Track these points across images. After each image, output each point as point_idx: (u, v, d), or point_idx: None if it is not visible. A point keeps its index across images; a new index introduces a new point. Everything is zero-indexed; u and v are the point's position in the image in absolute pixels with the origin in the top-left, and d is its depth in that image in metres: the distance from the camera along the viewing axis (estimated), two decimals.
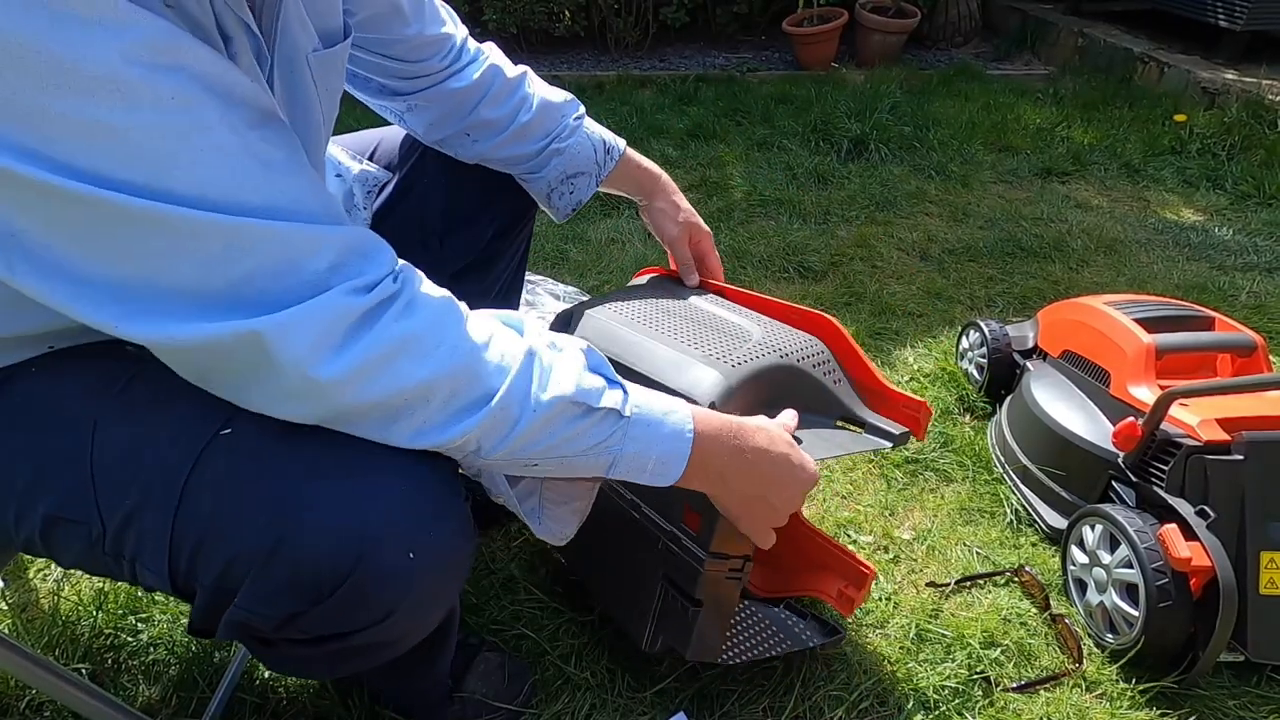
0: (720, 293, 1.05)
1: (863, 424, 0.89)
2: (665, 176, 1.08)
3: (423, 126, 0.98)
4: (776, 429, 0.77)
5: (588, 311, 0.98)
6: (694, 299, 1.02)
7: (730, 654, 0.92)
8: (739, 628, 0.95)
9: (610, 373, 0.66)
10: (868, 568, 0.97)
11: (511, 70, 0.98)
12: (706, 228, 1.07)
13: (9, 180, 0.45)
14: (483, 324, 0.61)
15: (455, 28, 0.94)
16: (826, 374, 0.90)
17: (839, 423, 0.90)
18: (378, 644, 0.63)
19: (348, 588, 0.56)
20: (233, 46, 0.56)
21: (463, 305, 0.62)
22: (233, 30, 0.56)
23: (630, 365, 0.86)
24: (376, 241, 0.59)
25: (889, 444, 0.87)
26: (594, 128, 1.03)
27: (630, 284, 1.11)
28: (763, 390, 0.84)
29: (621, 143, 1.05)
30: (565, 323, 0.99)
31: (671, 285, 1.07)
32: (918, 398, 0.89)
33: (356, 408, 0.56)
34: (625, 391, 0.65)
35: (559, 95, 1.01)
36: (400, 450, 0.59)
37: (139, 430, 0.58)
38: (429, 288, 0.60)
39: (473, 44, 0.97)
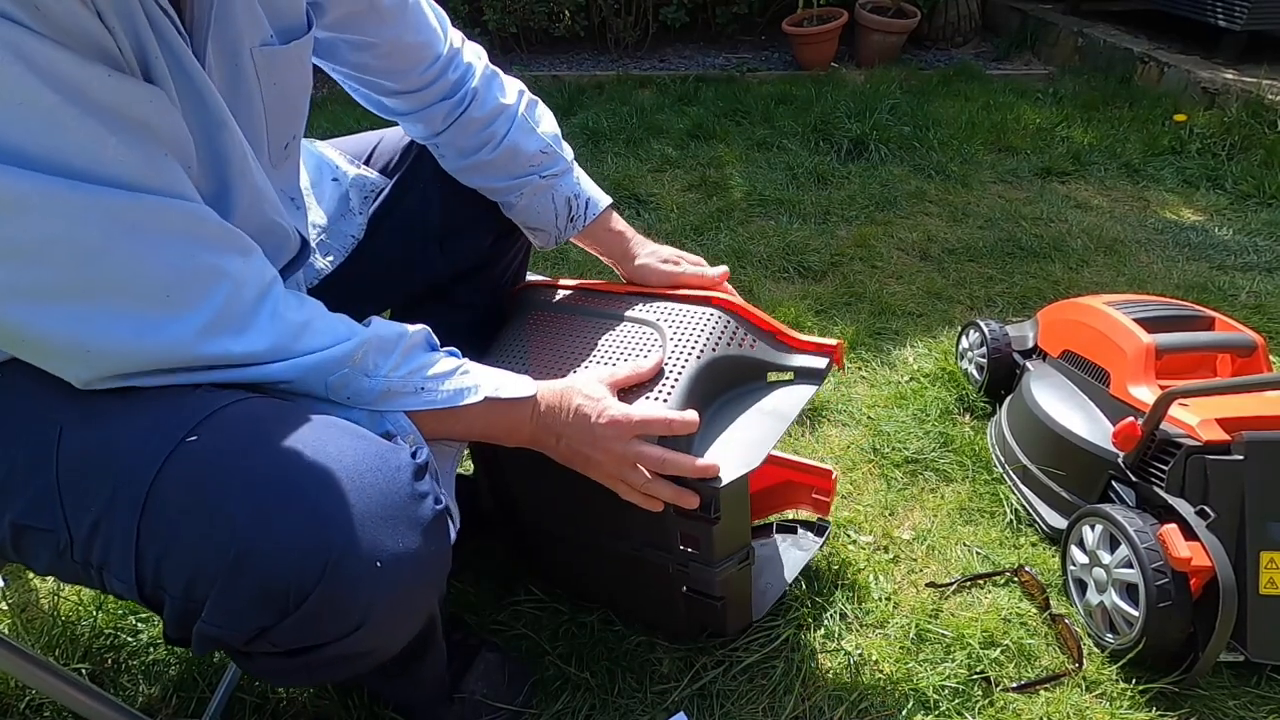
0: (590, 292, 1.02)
1: (792, 370, 0.91)
2: (635, 238, 1.03)
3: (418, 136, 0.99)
4: (586, 385, 0.80)
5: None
6: (581, 322, 0.97)
7: (758, 608, 1.02)
8: (755, 584, 1.04)
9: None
10: (826, 470, 1.10)
11: (491, 101, 0.95)
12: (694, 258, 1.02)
13: None
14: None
15: (442, 40, 0.92)
16: (740, 344, 0.89)
17: (770, 377, 0.91)
18: (353, 655, 0.62)
19: (314, 600, 0.55)
20: (119, 37, 0.54)
21: None
22: (113, 21, 0.54)
23: None
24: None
25: (817, 384, 0.89)
26: (565, 190, 0.99)
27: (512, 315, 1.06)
28: (695, 400, 0.84)
29: (601, 204, 1.02)
30: None
31: (551, 313, 1.01)
32: (827, 341, 0.91)
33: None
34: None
35: (533, 144, 0.96)
36: (369, 458, 0.59)
37: (104, 436, 0.57)
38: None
39: (466, 56, 0.95)
